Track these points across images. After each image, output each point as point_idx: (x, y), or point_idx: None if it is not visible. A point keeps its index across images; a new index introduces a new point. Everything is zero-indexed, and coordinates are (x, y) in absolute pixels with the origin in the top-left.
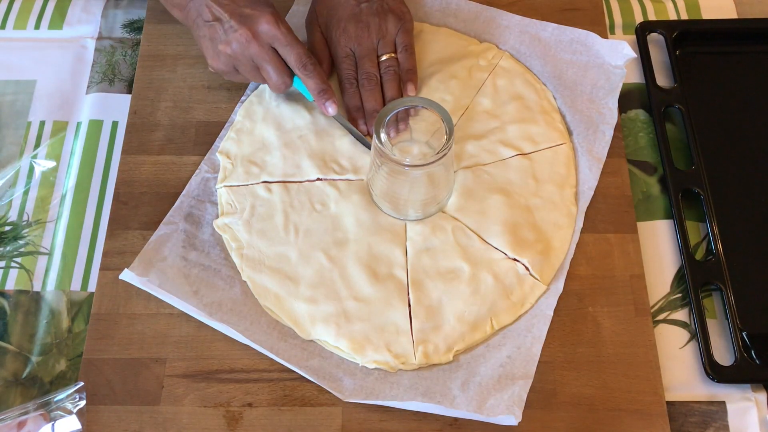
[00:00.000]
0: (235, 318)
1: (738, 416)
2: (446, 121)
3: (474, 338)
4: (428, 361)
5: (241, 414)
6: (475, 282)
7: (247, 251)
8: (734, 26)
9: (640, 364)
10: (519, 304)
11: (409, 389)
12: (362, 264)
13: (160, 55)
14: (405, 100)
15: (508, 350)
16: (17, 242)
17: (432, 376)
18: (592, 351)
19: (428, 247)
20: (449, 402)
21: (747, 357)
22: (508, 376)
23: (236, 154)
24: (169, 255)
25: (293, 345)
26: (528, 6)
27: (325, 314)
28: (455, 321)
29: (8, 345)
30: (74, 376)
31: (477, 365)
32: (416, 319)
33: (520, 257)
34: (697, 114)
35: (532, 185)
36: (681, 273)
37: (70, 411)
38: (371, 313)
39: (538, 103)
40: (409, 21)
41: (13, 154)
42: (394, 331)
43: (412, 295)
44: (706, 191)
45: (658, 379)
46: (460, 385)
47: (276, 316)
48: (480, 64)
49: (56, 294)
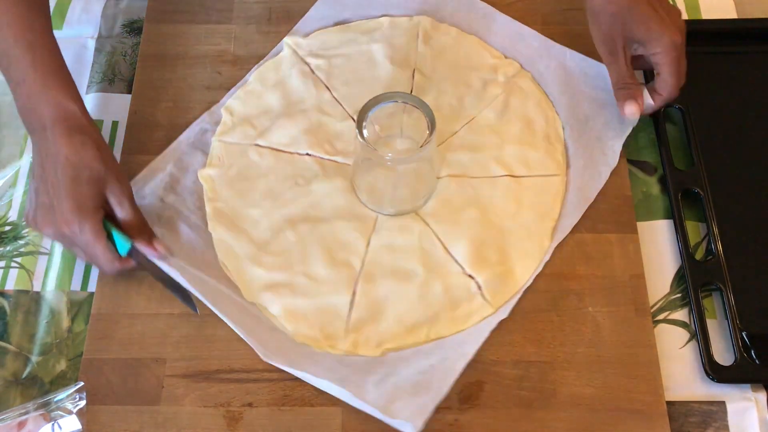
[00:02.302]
0: (186, 263)
1: (738, 416)
2: (428, 116)
3: (406, 341)
4: (355, 350)
5: (241, 414)
6: (425, 288)
7: (220, 205)
8: (734, 26)
9: (640, 364)
10: (461, 320)
11: (327, 370)
12: (324, 246)
13: (160, 55)
14: (388, 95)
15: (434, 359)
16: (17, 242)
17: (354, 364)
18: (592, 351)
19: (391, 244)
20: (360, 393)
21: (747, 357)
22: (423, 385)
23: (239, 112)
24: (149, 194)
25: (234, 302)
26: (528, 6)
27: (273, 282)
28: (393, 320)
29: (8, 345)
30: (74, 376)
31: (400, 366)
32: (356, 309)
33: (476, 275)
34: (697, 114)
35: (513, 208)
36: (681, 273)
37: (70, 411)
38: (317, 293)
39: (544, 130)
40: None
41: (13, 154)
42: (332, 315)
43: (360, 286)
44: (706, 191)
45: (658, 379)
46: (376, 381)
47: (227, 271)
48: (498, 80)
49: (56, 294)
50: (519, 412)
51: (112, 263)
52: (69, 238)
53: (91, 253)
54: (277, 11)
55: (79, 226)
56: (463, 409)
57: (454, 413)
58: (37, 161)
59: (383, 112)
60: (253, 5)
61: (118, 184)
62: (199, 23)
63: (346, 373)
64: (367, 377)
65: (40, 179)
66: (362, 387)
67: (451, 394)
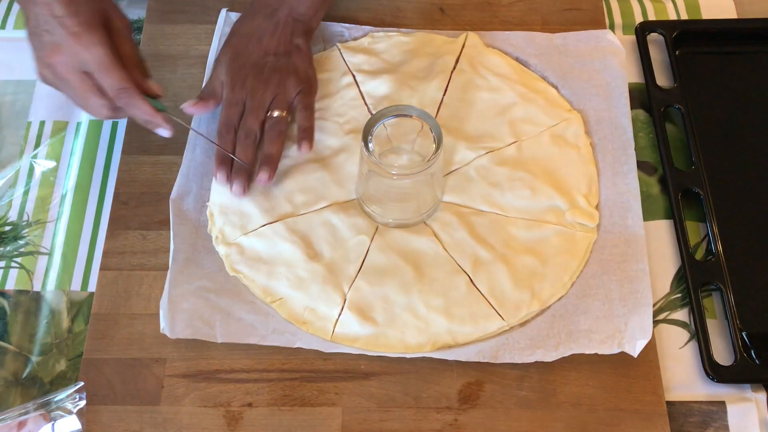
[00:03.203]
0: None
1: (738, 416)
2: (435, 131)
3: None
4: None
5: (241, 414)
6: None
7: None
8: (734, 26)
9: (640, 364)
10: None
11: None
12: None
13: (160, 55)
14: (393, 109)
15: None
16: (17, 242)
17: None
18: None
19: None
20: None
21: (747, 357)
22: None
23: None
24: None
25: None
26: (528, 6)
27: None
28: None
29: (8, 345)
30: (74, 376)
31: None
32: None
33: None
34: (697, 114)
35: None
36: (681, 273)
37: (70, 411)
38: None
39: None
40: (313, 85)
41: (13, 154)
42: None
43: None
44: (706, 191)
45: (658, 379)
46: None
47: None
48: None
49: (56, 294)
50: (519, 412)
51: (120, 79)
52: (79, 59)
53: (100, 62)
54: None
55: (88, 37)
56: (463, 409)
57: (454, 413)
58: (31, 24)
59: (399, 123)
60: None
61: (119, 14)
62: (199, 23)
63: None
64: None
65: (35, 35)
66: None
67: (451, 393)
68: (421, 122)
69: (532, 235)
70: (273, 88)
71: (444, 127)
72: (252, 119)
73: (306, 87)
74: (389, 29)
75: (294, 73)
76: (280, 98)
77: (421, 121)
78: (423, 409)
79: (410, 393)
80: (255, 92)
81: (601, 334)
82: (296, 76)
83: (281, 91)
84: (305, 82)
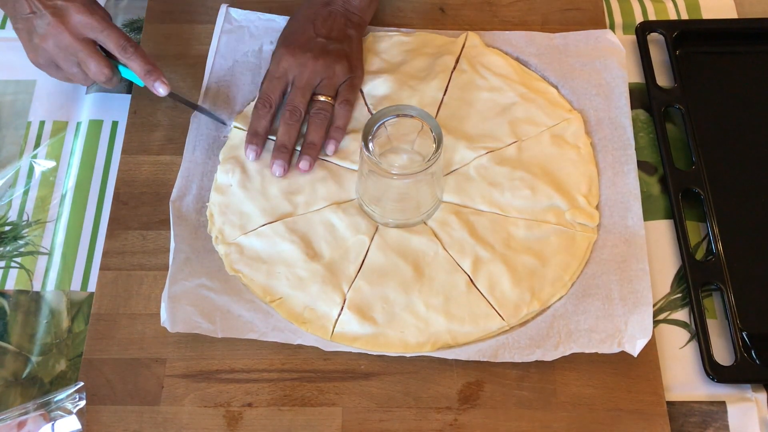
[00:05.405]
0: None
1: (738, 416)
2: (435, 131)
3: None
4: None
5: (241, 414)
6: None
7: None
8: (734, 26)
9: (640, 364)
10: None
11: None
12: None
13: (160, 55)
14: (393, 109)
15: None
16: (17, 242)
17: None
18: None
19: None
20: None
21: (747, 357)
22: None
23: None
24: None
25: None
26: (528, 6)
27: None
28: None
29: (8, 345)
30: (74, 376)
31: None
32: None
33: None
34: (697, 114)
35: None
36: (681, 273)
37: (70, 411)
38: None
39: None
40: (359, 77)
41: (13, 154)
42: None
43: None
44: (706, 191)
45: (658, 379)
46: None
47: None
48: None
49: (56, 294)
50: (519, 412)
51: (122, 34)
52: (81, 24)
53: (101, 20)
54: (277, 11)
55: (82, 5)
56: (463, 409)
57: (454, 413)
58: (18, 16)
59: (399, 123)
60: (253, 5)
61: (99, 5)
62: (199, 23)
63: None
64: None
65: (23, 23)
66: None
67: (452, 393)
68: (421, 122)
69: (532, 234)
70: (322, 70)
71: (444, 127)
72: (300, 98)
73: (353, 78)
74: (389, 29)
75: (346, 58)
76: (327, 82)
77: (421, 121)
78: (423, 409)
79: (410, 393)
80: (304, 70)
81: (601, 334)
82: (348, 62)
83: (330, 75)
84: (354, 71)
